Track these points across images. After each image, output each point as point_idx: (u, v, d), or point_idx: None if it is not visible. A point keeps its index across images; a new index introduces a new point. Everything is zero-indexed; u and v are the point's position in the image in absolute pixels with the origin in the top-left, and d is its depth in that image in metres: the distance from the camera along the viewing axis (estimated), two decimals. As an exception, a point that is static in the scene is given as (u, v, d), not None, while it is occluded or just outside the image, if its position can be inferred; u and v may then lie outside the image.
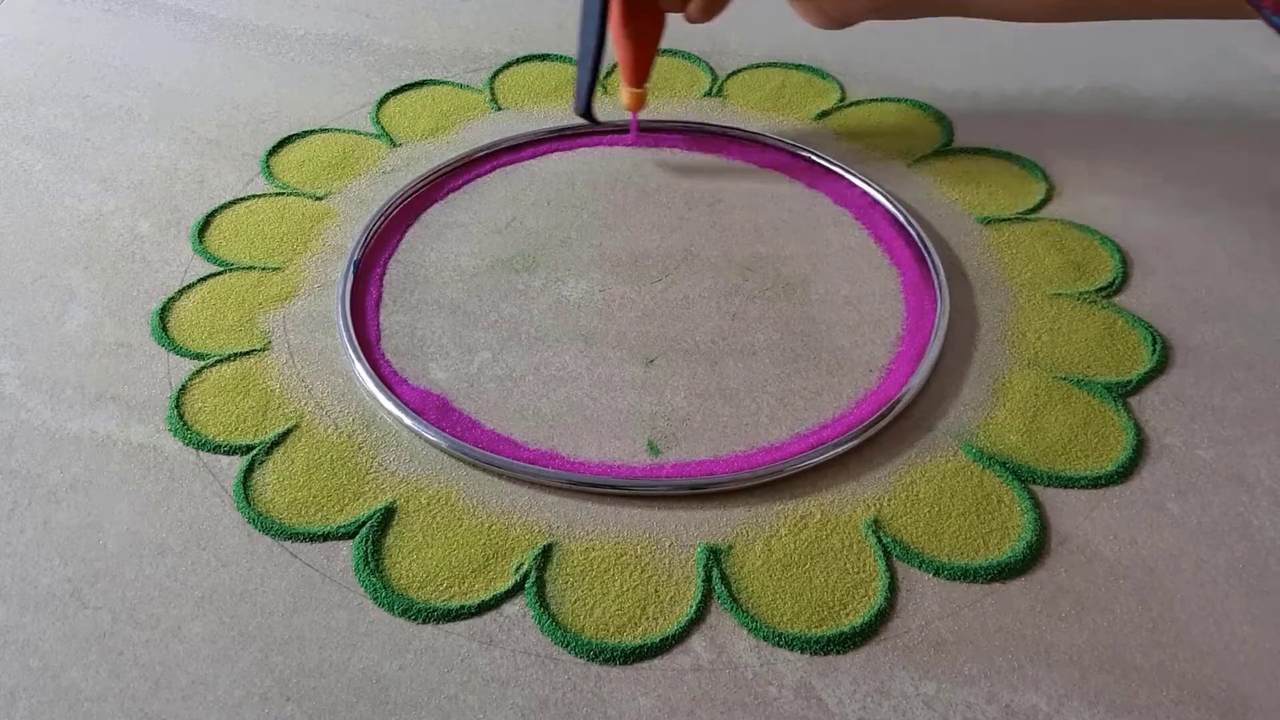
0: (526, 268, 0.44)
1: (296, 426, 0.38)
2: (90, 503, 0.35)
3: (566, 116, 0.53)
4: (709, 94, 0.55)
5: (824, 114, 0.53)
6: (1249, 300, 0.43)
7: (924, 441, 0.38)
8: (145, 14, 0.60)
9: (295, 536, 0.34)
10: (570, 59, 0.57)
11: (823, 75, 0.56)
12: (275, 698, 0.30)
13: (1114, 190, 0.48)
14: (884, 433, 0.38)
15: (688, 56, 0.57)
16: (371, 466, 0.37)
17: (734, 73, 0.56)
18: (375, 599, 0.33)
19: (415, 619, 0.32)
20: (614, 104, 0.54)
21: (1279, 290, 0.43)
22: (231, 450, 0.37)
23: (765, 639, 0.32)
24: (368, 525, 0.35)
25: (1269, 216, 0.47)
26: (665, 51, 0.57)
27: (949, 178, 0.49)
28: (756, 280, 0.44)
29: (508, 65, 0.56)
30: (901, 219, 0.46)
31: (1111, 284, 0.43)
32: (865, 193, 0.48)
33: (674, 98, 0.54)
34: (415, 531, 0.35)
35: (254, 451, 0.37)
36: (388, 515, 0.35)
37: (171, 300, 0.43)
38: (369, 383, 0.39)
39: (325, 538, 0.34)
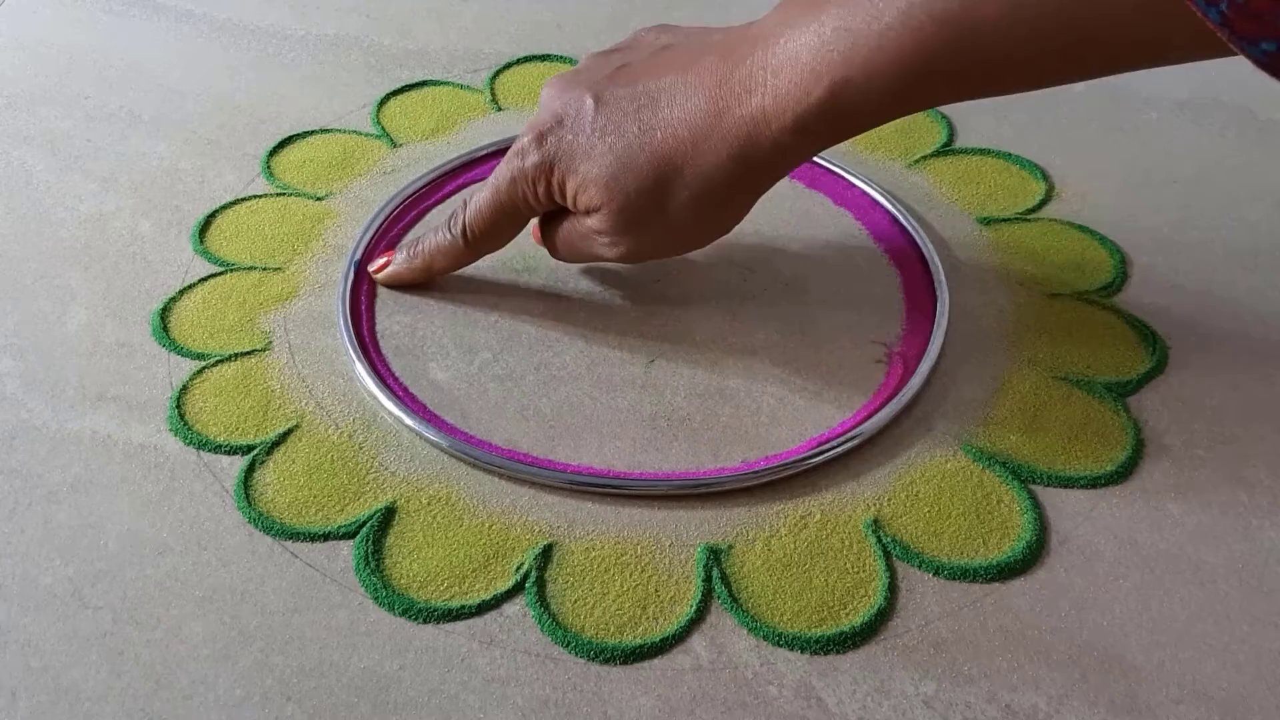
0: (527, 268, 0.44)
1: (297, 426, 0.38)
2: (90, 503, 0.35)
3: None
4: (709, 94, 0.54)
5: (824, 114, 0.53)
6: (1249, 300, 0.43)
7: (924, 441, 0.38)
8: (145, 14, 0.60)
9: (295, 536, 0.34)
10: (569, 59, 0.57)
11: (823, 75, 0.56)
12: (275, 697, 0.30)
13: (1114, 190, 0.48)
14: (884, 433, 0.38)
15: (688, 57, 0.57)
16: (372, 466, 0.37)
17: (734, 73, 0.56)
18: (375, 599, 0.33)
19: (415, 619, 0.32)
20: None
21: (1279, 290, 0.43)
22: (232, 450, 0.37)
23: (765, 639, 0.32)
24: (368, 525, 0.35)
25: (1269, 216, 0.47)
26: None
27: (949, 178, 0.49)
28: (756, 280, 0.44)
29: (508, 65, 0.56)
30: (901, 219, 0.46)
31: (1111, 284, 0.43)
32: (865, 193, 0.48)
33: (674, 98, 0.54)
34: (415, 531, 0.35)
35: (254, 451, 0.37)
36: (388, 515, 0.35)
37: (172, 300, 0.43)
38: (369, 383, 0.39)
39: (325, 538, 0.34)
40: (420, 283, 0.43)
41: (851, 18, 0.31)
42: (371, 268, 0.43)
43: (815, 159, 0.49)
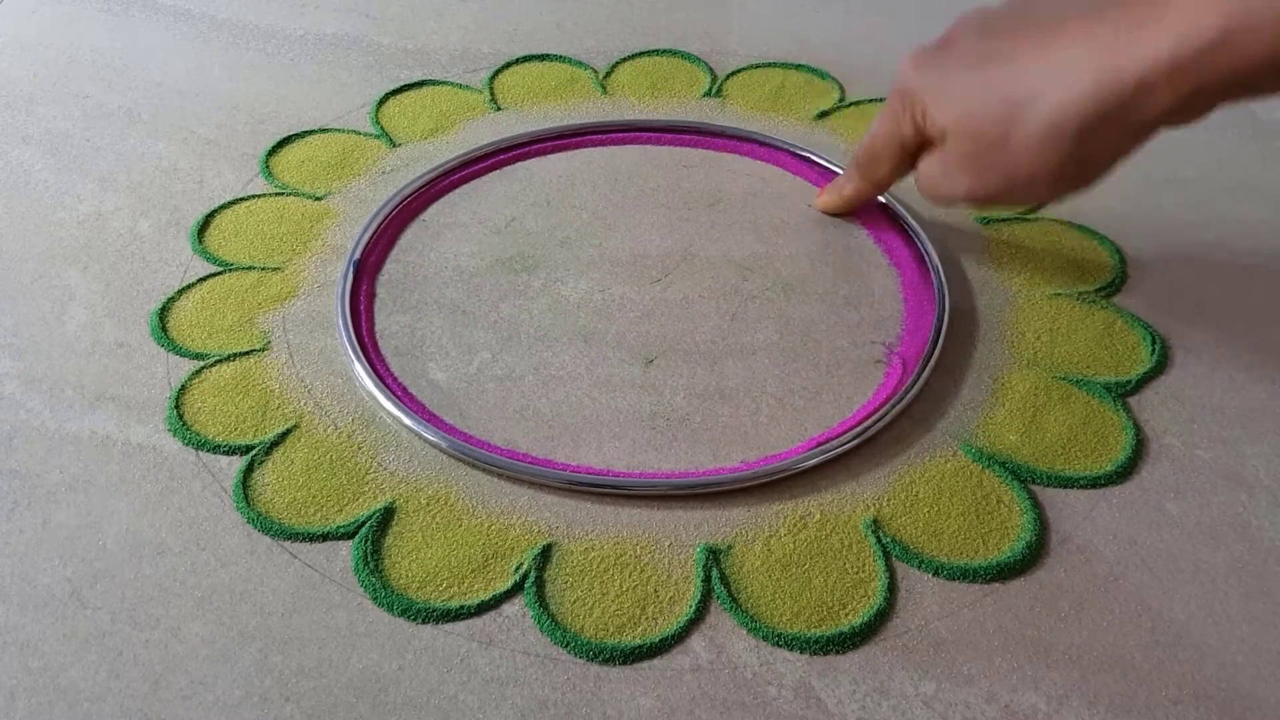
0: (526, 268, 0.44)
1: (296, 427, 0.38)
2: (90, 503, 0.35)
3: (566, 116, 0.53)
4: (709, 94, 0.55)
5: (824, 114, 0.53)
6: (1249, 300, 0.43)
7: (924, 441, 0.38)
8: (145, 14, 0.60)
9: (295, 536, 0.34)
10: (569, 59, 0.57)
11: (822, 75, 0.56)
12: (275, 698, 0.30)
13: (1114, 190, 0.48)
14: (884, 433, 0.38)
15: (687, 57, 0.57)
16: (371, 466, 0.37)
17: (734, 73, 0.56)
18: (375, 599, 0.33)
19: (415, 619, 0.32)
20: (613, 104, 0.54)
21: (1279, 290, 0.43)
22: (231, 450, 0.37)
23: (765, 639, 0.32)
24: (367, 525, 0.35)
25: (1269, 216, 0.47)
26: (664, 52, 0.57)
27: (949, 178, 0.49)
28: (756, 280, 0.44)
29: (507, 65, 0.56)
30: (901, 219, 0.46)
31: (1111, 284, 0.43)
32: (865, 193, 0.48)
33: (674, 98, 0.54)
34: (415, 531, 0.35)
35: (253, 452, 0.37)
36: (387, 515, 0.35)
37: (171, 300, 0.43)
38: (368, 383, 0.39)
39: (325, 538, 0.34)
40: (842, 211, 0.46)
41: None
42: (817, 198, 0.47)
43: (815, 157, 0.49)
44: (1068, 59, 0.31)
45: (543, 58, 0.57)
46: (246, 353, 0.41)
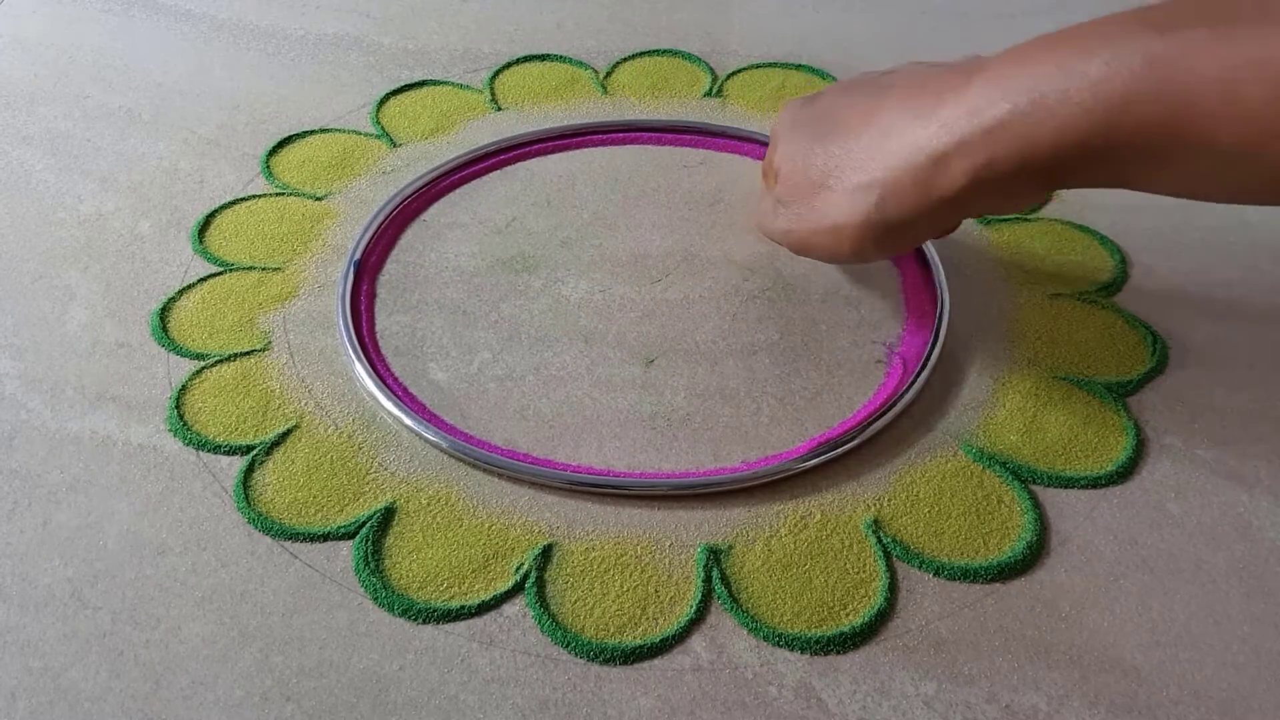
0: (526, 268, 0.44)
1: (296, 427, 0.38)
2: (90, 503, 0.35)
3: (567, 116, 0.53)
4: (709, 94, 0.55)
5: (824, 114, 0.53)
6: (1249, 300, 0.43)
7: (924, 441, 0.38)
8: (145, 14, 0.60)
9: (295, 536, 0.34)
10: (569, 59, 0.57)
11: (823, 75, 0.56)
12: (275, 698, 0.30)
13: (1114, 190, 0.48)
14: (884, 433, 0.38)
15: (688, 57, 0.57)
16: (371, 467, 0.37)
17: (734, 73, 0.56)
18: (375, 599, 0.33)
19: (415, 619, 0.32)
20: (614, 104, 0.54)
21: (1279, 290, 0.43)
22: (231, 450, 0.37)
23: (765, 639, 0.32)
24: (368, 525, 0.35)
25: (1269, 216, 0.47)
26: (665, 52, 0.57)
27: (949, 178, 0.49)
28: (756, 280, 0.44)
29: (508, 65, 0.56)
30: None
31: (1111, 284, 0.43)
32: (865, 193, 0.48)
33: (674, 98, 0.54)
34: (415, 532, 0.35)
35: (254, 452, 0.37)
36: (388, 515, 0.35)
37: (171, 300, 0.43)
38: (369, 383, 0.39)
39: (325, 538, 0.34)
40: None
41: (1060, 62, 0.29)
42: None
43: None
44: (885, 125, 0.33)
45: (543, 58, 0.57)
46: (247, 353, 0.41)
